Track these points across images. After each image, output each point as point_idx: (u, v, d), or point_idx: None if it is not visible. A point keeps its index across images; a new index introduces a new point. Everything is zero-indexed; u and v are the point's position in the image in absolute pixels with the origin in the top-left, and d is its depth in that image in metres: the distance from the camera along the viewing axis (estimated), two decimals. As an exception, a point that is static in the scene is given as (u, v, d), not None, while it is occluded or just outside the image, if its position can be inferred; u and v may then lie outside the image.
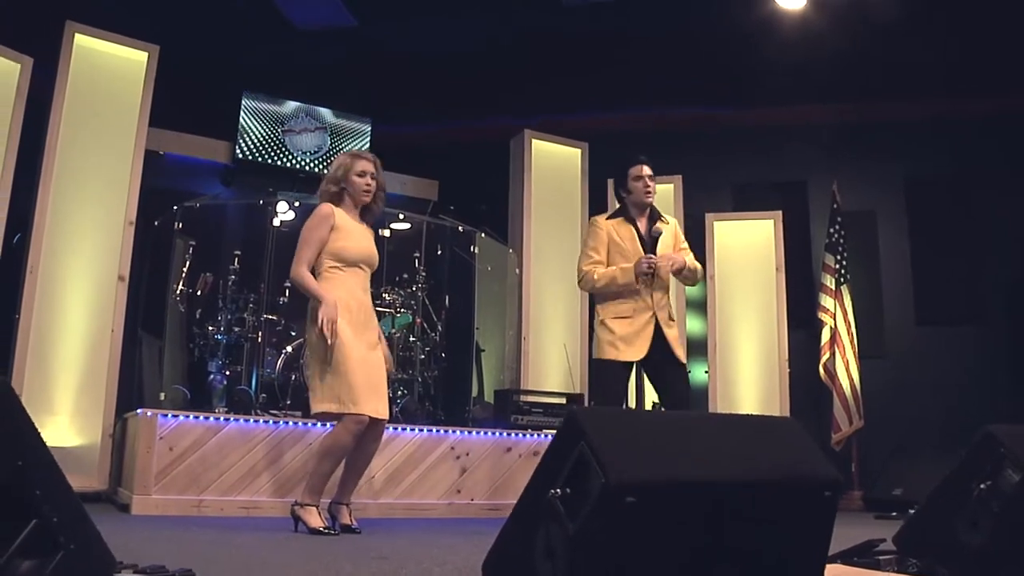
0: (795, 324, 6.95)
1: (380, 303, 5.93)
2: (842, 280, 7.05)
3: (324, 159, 7.77)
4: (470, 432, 5.43)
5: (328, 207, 3.91)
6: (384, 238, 6.33)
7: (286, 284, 6.01)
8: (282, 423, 4.85)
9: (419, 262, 6.45)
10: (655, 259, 4.27)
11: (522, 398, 5.91)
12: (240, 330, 5.82)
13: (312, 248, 3.82)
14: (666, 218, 4.56)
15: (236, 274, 5.94)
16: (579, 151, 7.18)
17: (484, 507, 5.29)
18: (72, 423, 5.04)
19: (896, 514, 5.38)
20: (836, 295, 7.03)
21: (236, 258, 5.99)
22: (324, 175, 4.15)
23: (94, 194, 5.31)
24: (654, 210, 4.53)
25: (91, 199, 5.29)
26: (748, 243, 7.06)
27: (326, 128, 7.93)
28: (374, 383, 3.81)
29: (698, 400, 6.90)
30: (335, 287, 3.81)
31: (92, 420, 5.07)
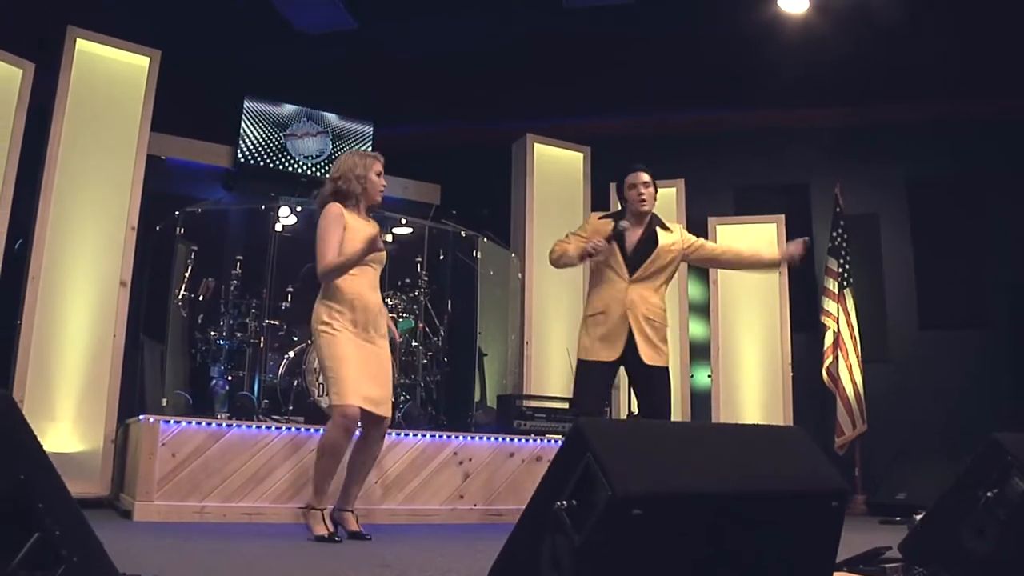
0: (798, 328, 6.93)
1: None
2: (845, 284, 7.03)
3: (326, 163, 7.76)
4: (472, 437, 5.41)
5: (337, 207, 3.90)
6: (386, 243, 6.31)
7: (288, 289, 6.01)
8: (284, 429, 4.84)
9: (421, 267, 6.43)
10: (600, 244, 4.24)
11: (525, 403, 5.90)
12: (242, 335, 5.80)
13: (334, 244, 3.81)
14: (670, 226, 4.52)
15: (238, 279, 5.92)
16: (581, 155, 7.17)
17: (487, 513, 5.27)
18: (74, 429, 5.03)
19: (900, 519, 5.35)
20: (839, 299, 7.01)
21: (238, 263, 5.98)
22: (326, 179, 4.13)
23: (96, 199, 5.30)
24: (655, 218, 4.47)
25: (93, 204, 5.29)
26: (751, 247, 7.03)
27: (328, 132, 7.93)
28: (372, 374, 3.81)
29: (701, 404, 6.89)
30: (345, 287, 3.82)
31: (94, 426, 5.06)
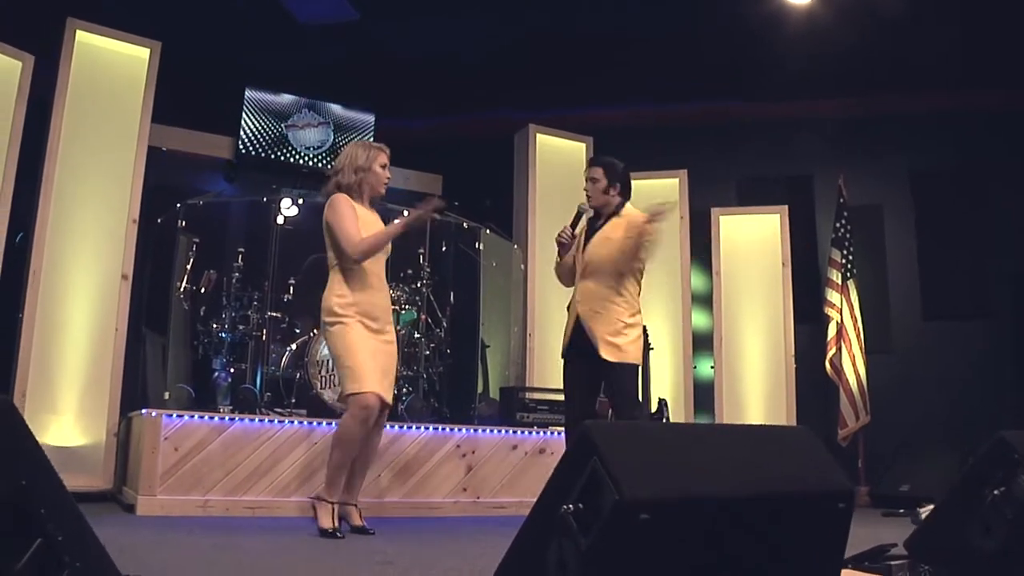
0: (801, 319, 6.92)
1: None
2: (848, 275, 7.01)
3: (327, 155, 7.73)
4: (475, 430, 5.41)
5: (344, 197, 3.91)
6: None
7: (290, 281, 6.00)
8: (287, 423, 4.84)
9: (423, 258, 6.41)
10: (565, 232, 4.33)
11: (528, 395, 5.89)
12: (244, 328, 5.80)
13: (355, 227, 3.81)
14: (625, 214, 4.32)
15: (240, 271, 5.91)
16: (584, 145, 7.14)
17: (490, 505, 5.27)
18: (77, 422, 5.02)
19: (904, 511, 5.34)
20: (843, 290, 6.98)
21: (240, 255, 5.97)
22: (328, 170, 4.13)
23: (97, 192, 5.28)
24: (615, 211, 4.34)
25: (94, 197, 5.27)
26: (754, 238, 7.03)
27: (329, 123, 7.89)
28: (382, 367, 3.83)
29: (705, 395, 6.88)
30: (356, 278, 3.83)
31: (96, 419, 5.06)
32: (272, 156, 7.57)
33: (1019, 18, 6.13)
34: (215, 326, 5.87)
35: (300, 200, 6.42)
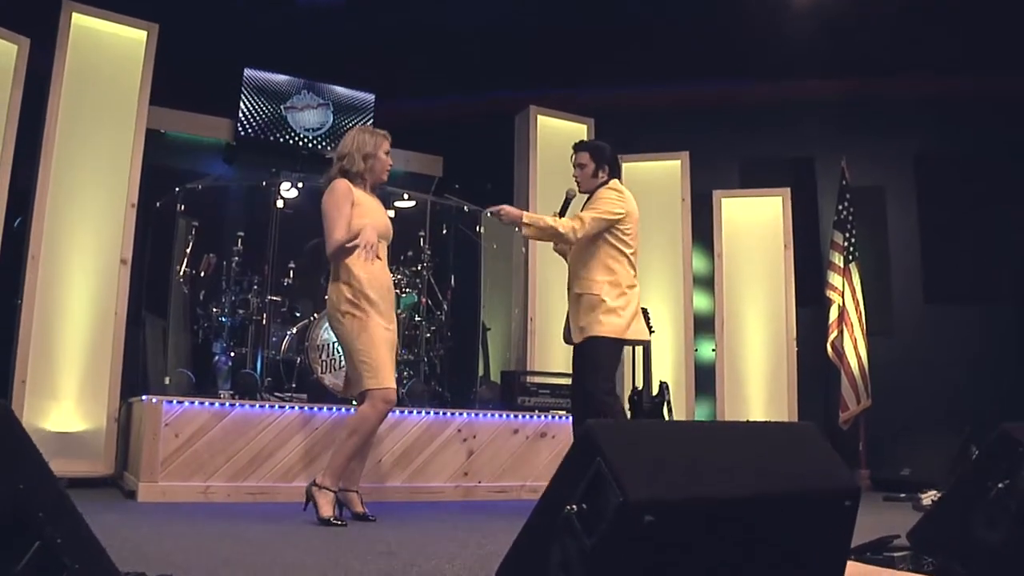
0: (803, 302, 6.90)
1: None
2: (851, 258, 6.97)
3: (327, 136, 7.67)
4: (477, 414, 5.41)
5: (345, 183, 3.89)
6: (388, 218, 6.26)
7: (290, 265, 5.97)
8: (288, 408, 4.83)
9: (424, 241, 6.38)
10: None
11: (529, 379, 5.90)
12: (244, 312, 5.78)
13: (343, 222, 3.80)
14: (599, 195, 4.40)
15: (240, 255, 5.89)
16: (585, 127, 7.09)
17: (492, 489, 5.28)
18: (77, 408, 5.02)
19: (905, 495, 5.36)
20: (844, 273, 6.95)
21: (239, 239, 5.94)
22: (327, 152, 4.10)
23: (95, 176, 5.26)
24: (592, 192, 4.44)
25: (92, 181, 5.24)
26: (756, 220, 7.00)
27: (328, 104, 7.82)
28: (391, 358, 3.87)
29: (706, 377, 6.88)
30: (363, 266, 3.80)
31: (97, 405, 5.06)
32: (271, 138, 7.51)
33: (1025, 1, 6.07)
34: (215, 310, 5.85)
35: (300, 184, 6.38)
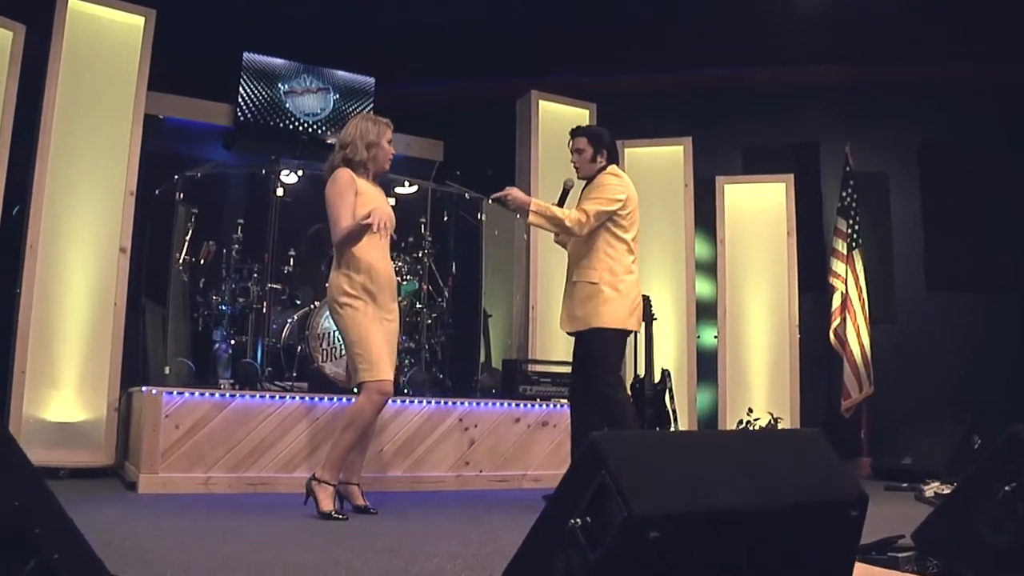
0: (806, 289, 6.88)
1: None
2: (854, 245, 6.94)
3: (327, 122, 7.60)
4: (478, 403, 5.40)
5: (347, 172, 3.86)
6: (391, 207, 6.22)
7: (290, 253, 5.94)
8: (288, 398, 4.81)
9: (425, 227, 6.34)
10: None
11: (530, 368, 5.87)
12: (244, 300, 5.75)
13: (348, 211, 3.77)
14: (598, 182, 4.44)
15: (240, 243, 5.85)
16: (587, 112, 7.03)
17: (493, 479, 5.28)
18: (77, 397, 5.01)
19: (907, 485, 5.35)
20: (848, 260, 6.91)
21: (239, 227, 5.90)
22: (327, 138, 4.07)
23: (93, 164, 5.22)
24: (586, 180, 4.50)
25: (90, 169, 5.21)
26: (759, 206, 6.96)
27: (329, 89, 7.75)
28: (389, 349, 3.85)
29: (708, 364, 6.86)
30: (363, 255, 3.79)
31: (97, 394, 5.05)
32: (271, 123, 7.44)
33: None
34: (215, 298, 5.83)
35: (300, 171, 6.33)
